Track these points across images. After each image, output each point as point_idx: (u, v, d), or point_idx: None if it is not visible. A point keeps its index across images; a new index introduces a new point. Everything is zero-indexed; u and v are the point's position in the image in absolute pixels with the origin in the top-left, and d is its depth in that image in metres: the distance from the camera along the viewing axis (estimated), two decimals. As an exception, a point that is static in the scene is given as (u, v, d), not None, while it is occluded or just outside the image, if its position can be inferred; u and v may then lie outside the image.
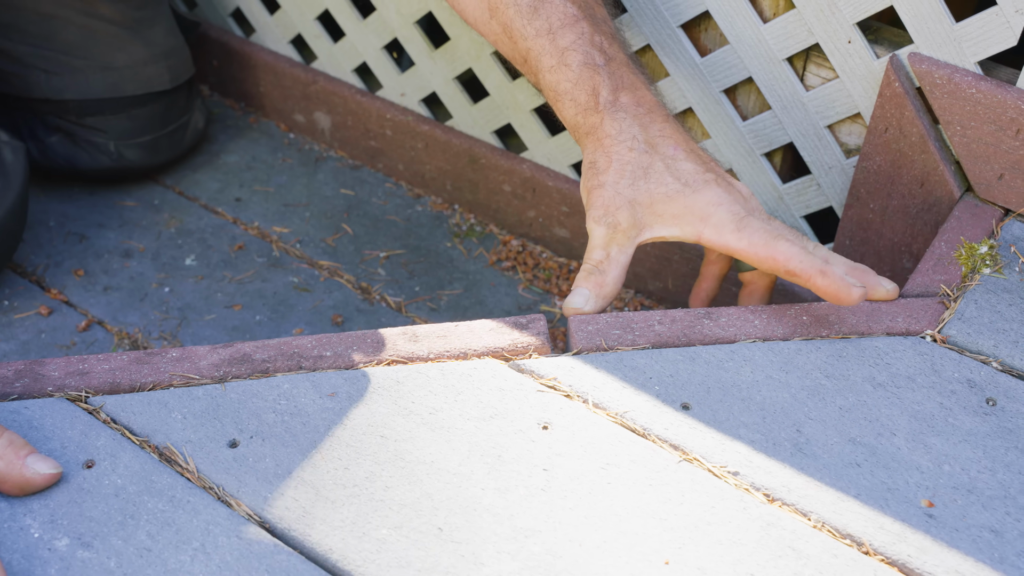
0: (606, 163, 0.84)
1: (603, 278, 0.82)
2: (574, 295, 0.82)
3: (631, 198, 0.83)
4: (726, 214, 0.81)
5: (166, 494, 0.66)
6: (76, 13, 1.21)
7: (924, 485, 0.68)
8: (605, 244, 0.83)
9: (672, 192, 0.82)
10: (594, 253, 0.83)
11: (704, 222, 0.82)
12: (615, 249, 0.83)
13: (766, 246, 0.80)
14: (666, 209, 0.83)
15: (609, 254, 0.83)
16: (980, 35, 0.85)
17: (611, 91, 0.85)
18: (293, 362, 0.76)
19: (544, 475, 0.68)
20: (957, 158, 0.90)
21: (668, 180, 0.83)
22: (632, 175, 0.83)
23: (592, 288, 0.82)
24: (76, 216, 1.29)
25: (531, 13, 0.87)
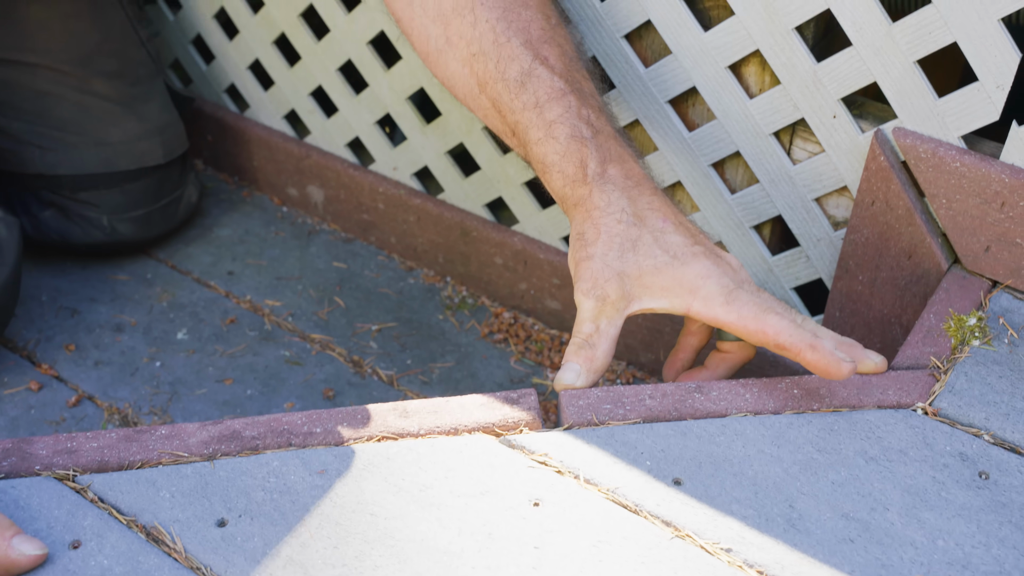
0: (594, 235, 0.84)
1: (593, 352, 0.82)
2: (565, 371, 0.82)
3: (620, 270, 0.83)
4: (715, 287, 0.82)
5: (153, 575, 0.66)
6: (71, 90, 1.23)
7: (918, 561, 0.68)
8: (594, 317, 0.83)
9: (661, 264, 0.83)
10: (584, 327, 0.83)
11: (693, 295, 0.82)
12: (604, 322, 0.83)
13: (756, 319, 0.80)
14: (655, 281, 0.83)
15: (599, 327, 0.83)
16: (963, 110, 0.86)
17: (599, 163, 0.86)
18: (283, 439, 0.75)
19: (535, 553, 0.68)
20: (944, 230, 0.91)
21: (657, 252, 0.83)
22: (620, 247, 0.84)
23: (583, 363, 0.82)
24: (68, 290, 1.29)
25: (519, 88, 0.88)
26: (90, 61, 1.23)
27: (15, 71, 1.20)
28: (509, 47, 0.89)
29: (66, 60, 1.21)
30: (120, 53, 1.25)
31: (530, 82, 0.88)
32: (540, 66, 0.88)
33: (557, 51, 0.89)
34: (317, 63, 1.29)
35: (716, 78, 0.98)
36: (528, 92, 0.88)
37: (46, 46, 1.21)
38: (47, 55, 1.21)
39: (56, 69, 1.21)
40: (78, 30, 1.22)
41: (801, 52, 0.92)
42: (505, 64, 0.89)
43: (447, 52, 0.93)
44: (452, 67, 0.93)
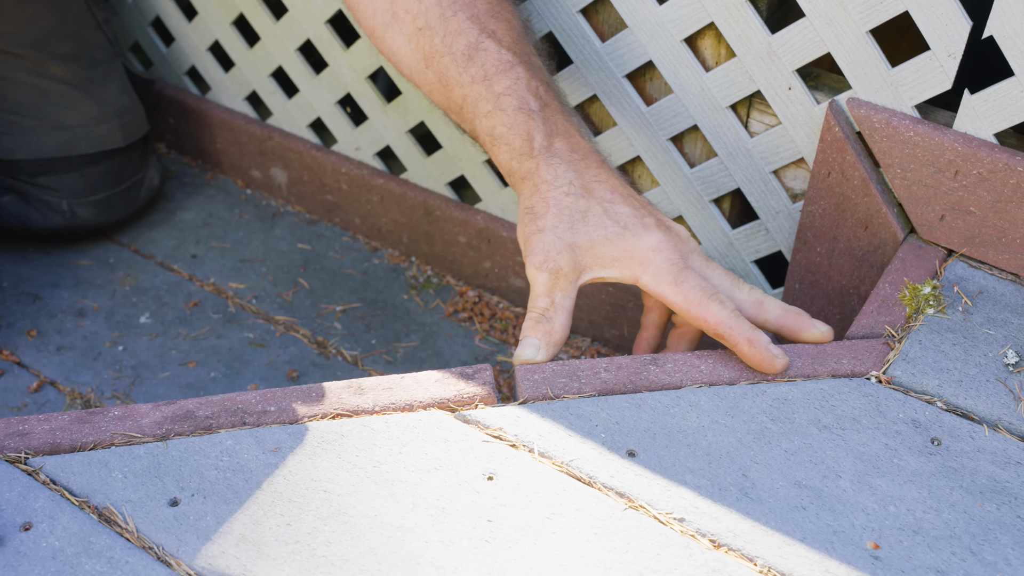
0: (543, 208, 0.84)
1: (551, 325, 0.82)
2: (524, 346, 0.82)
3: (571, 242, 0.83)
4: (665, 263, 0.82)
5: (104, 555, 0.65)
6: (26, 73, 1.21)
7: (870, 527, 0.68)
8: (549, 291, 0.83)
9: (611, 235, 0.83)
10: (539, 301, 0.83)
11: (643, 267, 0.82)
12: (559, 295, 0.83)
13: (699, 305, 0.81)
14: (605, 252, 0.83)
15: (554, 300, 0.83)
16: (916, 79, 0.86)
17: (545, 136, 0.86)
18: (236, 418, 0.75)
19: (489, 526, 0.68)
20: (899, 200, 0.91)
21: (607, 223, 0.83)
22: (571, 219, 0.83)
23: (541, 337, 0.82)
24: (29, 276, 1.28)
25: (466, 61, 0.88)
26: (45, 44, 1.21)
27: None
28: (456, 21, 0.88)
29: (20, 43, 1.20)
30: (76, 35, 1.24)
31: (477, 55, 0.87)
32: (487, 39, 0.87)
33: (504, 25, 0.89)
34: (276, 43, 1.28)
35: (672, 51, 0.98)
36: (476, 65, 0.87)
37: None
38: (1, 38, 1.19)
39: (9, 52, 1.20)
40: (32, 12, 1.20)
41: (755, 24, 0.92)
42: (452, 38, 0.88)
43: (393, 27, 0.92)
44: (398, 41, 0.92)
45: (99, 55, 1.27)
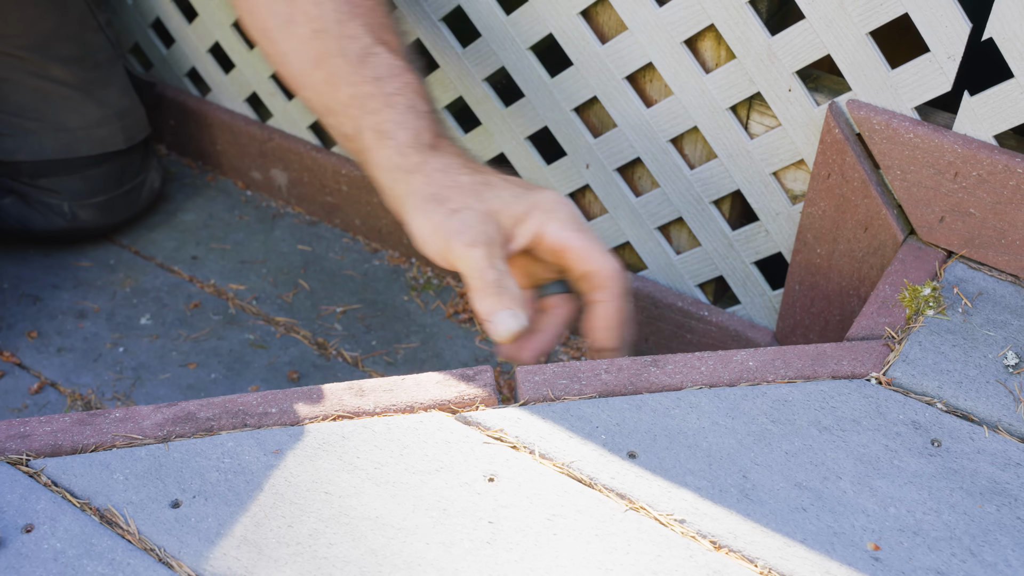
0: (447, 192, 0.84)
1: (512, 291, 0.82)
2: (502, 321, 0.81)
3: (486, 210, 0.83)
4: (568, 213, 0.85)
5: (106, 557, 0.65)
6: (28, 75, 1.21)
7: (870, 528, 0.68)
8: (491, 261, 0.82)
9: (518, 193, 0.85)
10: (487, 275, 0.81)
11: (549, 216, 0.84)
12: (499, 262, 0.82)
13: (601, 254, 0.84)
14: (517, 208, 0.84)
15: (498, 268, 0.82)
16: (916, 81, 0.86)
17: (434, 135, 0.88)
18: (238, 420, 0.75)
19: (490, 528, 0.68)
20: (899, 202, 0.91)
21: (510, 187, 0.86)
22: (477, 192, 0.84)
23: (511, 304, 0.81)
24: (30, 278, 1.28)
25: (359, 63, 0.90)
26: (47, 46, 1.22)
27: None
28: (351, 26, 0.91)
29: (22, 45, 1.20)
30: (78, 38, 1.24)
31: (370, 59, 0.90)
32: (380, 46, 0.90)
33: (396, 38, 0.93)
34: (277, 45, 1.28)
35: (672, 53, 0.98)
36: (368, 67, 0.90)
37: (1, 31, 1.19)
38: (2, 40, 1.19)
39: (11, 55, 1.20)
40: (34, 15, 1.20)
41: (755, 26, 0.92)
42: (346, 42, 0.91)
43: (288, 28, 0.94)
44: (291, 43, 0.94)
45: (100, 57, 1.27)
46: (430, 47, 1.14)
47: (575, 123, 1.09)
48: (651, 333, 1.16)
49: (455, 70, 1.13)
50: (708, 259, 1.09)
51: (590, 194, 1.16)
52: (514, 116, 1.13)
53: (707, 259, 1.09)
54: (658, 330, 1.15)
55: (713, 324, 1.11)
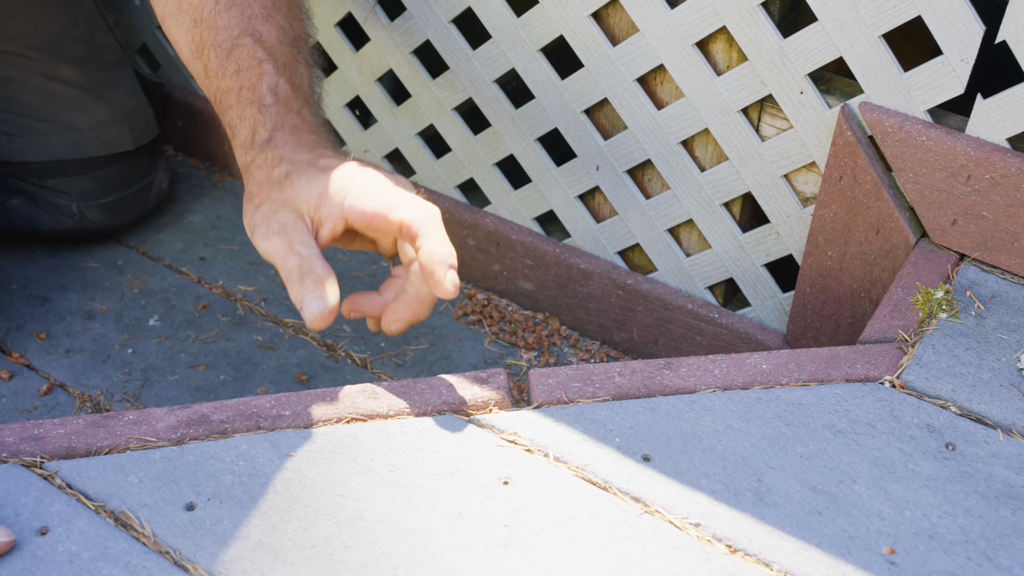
0: (256, 189, 0.83)
1: (316, 274, 0.79)
2: (309, 303, 0.78)
3: (282, 200, 0.81)
4: (367, 182, 0.80)
5: (121, 560, 0.65)
6: (36, 76, 1.21)
7: (885, 532, 0.68)
8: (290, 248, 0.80)
9: (314, 175, 0.81)
10: (288, 262, 0.79)
11: (345, 192, 0.80)
12: (301, 247, 0.79)
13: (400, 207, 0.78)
14: (312, 191, 0.80)
15: (300, 254, 0.79)
16: (928, 84, 0.86)
17: (269, 130, 0.85)
18: (252, 422, 0.75)
19: (505, 531, 0.68)
20: (911, 205, 0.91)
21: (311, 172, 0.81)
22: (280, 185, 0.82)
23: (315, 287, 0.78)
24: (38, 279, 1.28)
25: (226, 55, 0.89)
26: (56, 46, 1.22)
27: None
28: (226, 16, 0.89)
29: (31, 46, 1.20)
30: (86, 38, 1.24)
31: (236, 50, 0.88)
32: (248, 37, 0.88)
33: (274, 29, 0.90)
34: (286, 46, 1.28)
35: (684, 55, 0.98)
36: (232, 59, 0.88)
37: (11, 32, 1.19)
38: (11, 41, 1.19)
39: (21, 55, 1.20)
40: (43, 15, 1.20)
41: (767, 28, 0.92)
42: (219, 32, 0.89)
43: (177, 17, 0.93)
44: (179, 31, 0.93)
45: (109, 58, 1.27)
46: (440, 48, 1.14)
47: (585, 125, 1.09)
48: (660, 335, 1.16)
49: (465, 72, 1.13)
50: (718, 261, 1.09)
51: (600, 196, 1.16)
52: (524, 118, 1.13)
53: (717, 261, 1.09)
54: (667, 332, 1.15)
55: (723, 326, 1.11)
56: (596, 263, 1.17)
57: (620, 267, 1.17)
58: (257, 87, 0.87)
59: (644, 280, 1.15)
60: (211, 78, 0.90)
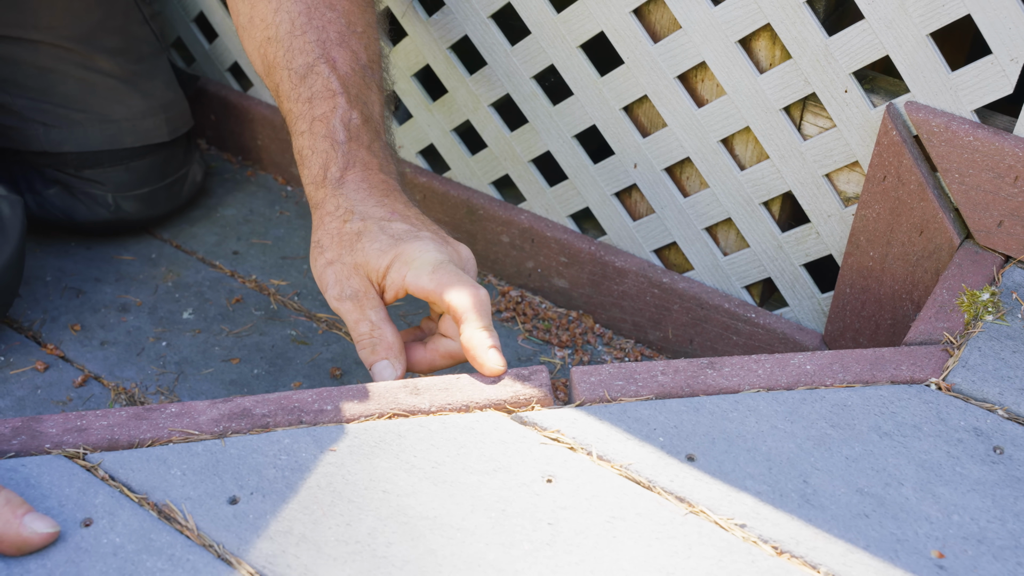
0: (328, 241, 0.87)
1: (386, 340, 0.85)
2: (379, 372, 0.84)
3: (354, 263, 0.85)
4: (428, 259, 0.83)
5: (165, 552, 0.65)
6: (74, 66, 1.22)
7: (934, 536, 0.67)
8: (362, 314, 0.85)
9: (384, 247, 0.85)
10: (360, 327, 0.85)
11: (408, 266, 0.84)
12: (372, 313, 0.85)
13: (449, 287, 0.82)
14: (381, 262, 0.85)
15: (372, 320, 0.85)
16: (976, 83, 0.85)
17: (340, 168, 0.88)
18: (293, 416, 0.75)
19: (549, 529, 0.67)
20: (956, 205, 0.90)
21: (381, 237, 0.85)
22: (351, 244, 0.86)
23: (385, 354, 0.84)
24: (73, 271, 1.29)
25: (300, 79, 0.91)
26: (93, 38, 1.22)
27: (18, 48, 1.20)
28: (302, 40, 0.91)
29: (69, 37, 1.20)
30: (123, 30, 1.24)
31: (310, 76, 0.90)
32: (324, 64, 0.90)
33: (349, 56, 0.91)
34: (322, 40, 1.28)
35: (726, 53, 0.97)
36: (306, 85, 0.90)
37: (49, 23, 1.20)
38: (50, 32, 1.20)
39: (59, 46, 1.20)
40: (81, 7, 1.20)
41: (813, 26, 0.91)
42: (293, 55, 0.91)
43: (248, 30, 0.95)
44: (250, 44, 0.95)
45: (145, 50, 1.27)
46: (478, 44, 1.13)
47: (624, 122, 1.09)
48: (696, 334, 1.15)
49: (503, 67, 1.13)
50: (756, 260, 1.08)
51: (636, 193, 1.15)
52: (561, 114, 1.12)
53: (755, 260, 1.09)
54: (703, 331, 1.15)
55: (760, 326, 1.10)
56: (631, 261, 1.17)
57: (656, 265, 1.16)
58: (330, 120, 0.89)
59: (680, 279, 1.15)
60: (283, 99, 0.93)
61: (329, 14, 0.93)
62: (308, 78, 0.90)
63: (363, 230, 0.86)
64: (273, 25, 0.93)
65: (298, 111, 0.91)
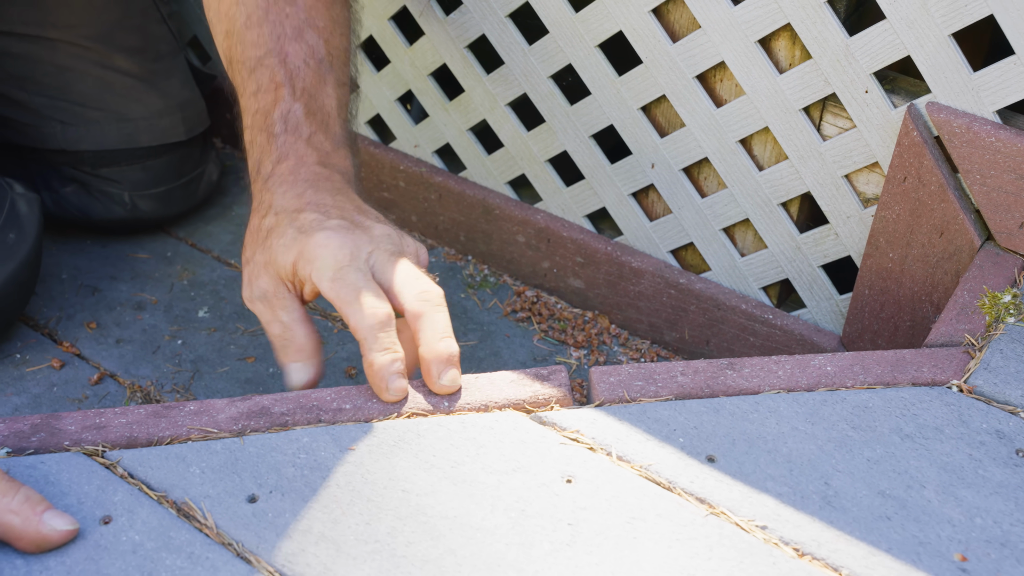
0: (248, 239, 0.84)
1: (296, 342, 0.81)
2: (290, 374, 0.82)
3: (264, 261, 0.81)
4: (329, 259, 0.78)
5: (184, 551, 0.65)
6: (93, 65, 1.22)
7: (956, 539, 0.67)
8: (272, 315, 0.82)
9: (288, 242, 0.80)
10: (272, 328, 0.82)
11: (311, 264, 0.79)
12: (283, 314, 0.81)
13: (347, 304, 0.77)
14: (286, 259, 0.80)
15: (283, 322, 0.81)
16: (999, 84, 0.85)
17: (273, 162, 0.85)
18: (312, 415, 0.75)
19: (569, 530, 0.67)
20: (977, 207, 0.89)
21: (288, 232, 0.80)
22: (263, 241, 0.82)
23: (296, 356, 0.82)
24: (88, 269, 1.29)
25: (250, 73, 0.89)
26: (111, 36, 1.22)
27: (36, 46, 1.20)
28: (256, 32, 0.89)
29: (88, 35, 1.21)
30: (142, 29, 1.25)
31: (259, 69, 0.88)
32: (274, 57, 0.88)
33: (304, 49, 0.89)
34: (338, 39, 1.28)
35: (746, 53, 0.97)
36: (254, 78, 0.88)
37: (67, 21, 1.20)
38: (68, 30, 1.20)
39: (77, 44, 1.20)
40: (100, 5, 1.21)
41: (833, 26, 0.90)
42: (246, 48, 0.89)
43: (215, 25, 0.94)
44: (217, 40, 0.93)
45: (163, 48, 1.27)
46: (495, 43, 1.13)
47: (642, 122, 1.08)
48: (712, 335, 1.15)
49: (520, 67, 1.13)
50: (774, 261, 1.08)
51: (654, 193, 1.15)
52: (579, 114, 1.12)
53: (773, 261, 1.08)
54: (720, 332, 1.14)
55: (777, 327, 1.10)
56: (648, 261, 1.16)
57: (672, 266, 1.16)
58: (270, 112, 0.86)
59: (697, 279, 1.14)
60: (238, 94, 0.91)
61: (288, 8, 0.90)
62: (256, 71, 0.88)
63: (274, 225, 0.82)
64: (231, 18, 0.91)
65: (245, 105, 0.88)
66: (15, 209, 1.11)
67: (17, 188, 1.13)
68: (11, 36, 1.19)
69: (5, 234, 1.09)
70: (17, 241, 1.10)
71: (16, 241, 1.10)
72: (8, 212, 1.10)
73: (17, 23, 1.19)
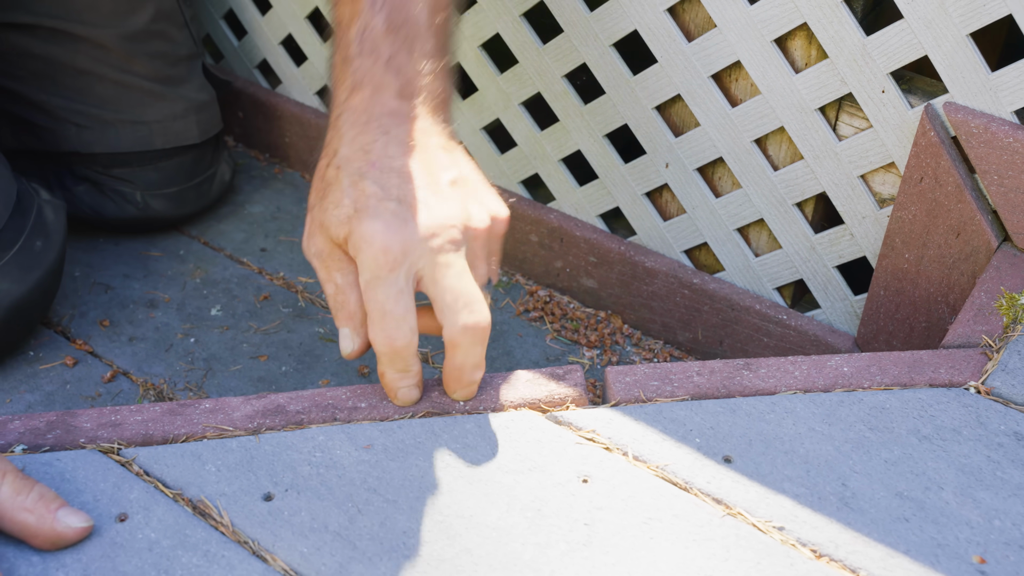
0: (314, 180, 0.77)
1: (349, 308, 0.75)
2: (342, 339, 0.76)
3: (320, 222, 0.75)
4: (369, 261, 0.72)
5: (200, 548, 0.65)
6: (112, 69, 1.22)
7: (975, 541, 0.67)
8: (328, 275, 0.76)
9: (342, 216, 0.73)
10: (326, 287, 0.76)
11: (356, 254, 0.73)
12: (339, 276, 0.75)
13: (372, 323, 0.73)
14: (339, 233, 0.74)
15: (337, 283, 0.75)
16: (1017, 84, 0.84)
17: (348, 91, 0.76)
18: (328, 413, 0.75)
19: (585, 530, 0.67)
20: (994, 207, 0.89)
21: (344, 202, 0.73)
22: (323, 194, 0.75)
23: (346, 323, 0.76)
24: (101, 266, 1.29)
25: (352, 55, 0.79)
26: (135, 39, 1.21)
27: (58, 47, 1.19)
28: None
29: (113, 36, 1.20)
30: (164, 33, 1.24)
31: None
32: None
33: None
34: (351, 38, 1.28)
35: (761, 52, 0.96)
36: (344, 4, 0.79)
37: (94, 20, 1.19)
38: (94, 29, 1.19)
39: (101, 46, 1.20)
40: (126, 9, 1.20)
41: (850, 25, 0.90)
42: None
43: None
44: None
45: (183, 53, 1.27)
46: (509, 42, 1.13)
47: (656, 121, 1.08)
48: (726, 336, 1.15)
49: (534, 66, 1.12)
50: (788, 262, 1.08)
51: (668, 193, 1.14)
52: (593, 113, 1.12)
53: (787, 262, 1.08)
54: (733, 333, 1.14)
55: (791, 328, 1.09)
56: (661, 261, 1.16)
57: (686, 266, 1.16)
58: (349, 29, 0.76)
59: (711, 279, 1.14)
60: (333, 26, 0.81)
61: None
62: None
63: (333, 181, 0.74)
64: None
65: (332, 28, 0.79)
66: (42, 216, 1.11)
67: (43, 195, 1.13)
68: (35, 36, 1.19)
69: (32, 241, 1.08)
70: (44, 249, 1.10)
71: (43, 249, 1.09)
72: (35, 219, 1.09)
73: (45, 16, 1.18)
